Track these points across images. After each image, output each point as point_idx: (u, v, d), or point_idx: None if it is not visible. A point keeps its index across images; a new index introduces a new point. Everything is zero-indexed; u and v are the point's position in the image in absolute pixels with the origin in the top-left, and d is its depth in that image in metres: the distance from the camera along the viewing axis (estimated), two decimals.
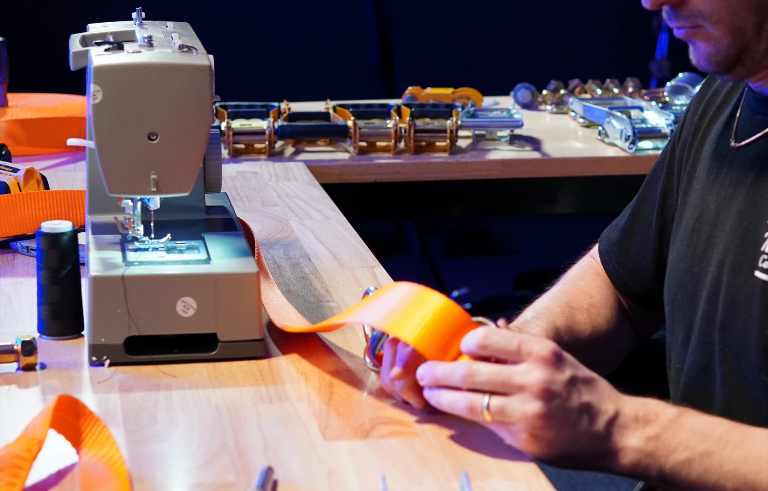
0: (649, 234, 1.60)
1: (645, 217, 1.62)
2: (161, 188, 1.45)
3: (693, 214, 1.47)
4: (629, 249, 1.63)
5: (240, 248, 1.51)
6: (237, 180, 2.31)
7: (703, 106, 1.54)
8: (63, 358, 1.44)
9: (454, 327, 1.29)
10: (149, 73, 1.42)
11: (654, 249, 1.60)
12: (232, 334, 1.44)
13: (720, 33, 1.34)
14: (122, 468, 1.16)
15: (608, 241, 1.66)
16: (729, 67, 1.36)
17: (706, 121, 1.52)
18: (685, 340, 1.47)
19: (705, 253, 1.44)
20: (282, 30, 4.87)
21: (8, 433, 1.23)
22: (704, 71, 1.38)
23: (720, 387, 1.41)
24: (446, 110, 2.68)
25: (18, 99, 2.63)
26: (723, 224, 1.42)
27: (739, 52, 1.35)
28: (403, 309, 1.32)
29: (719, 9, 1.33)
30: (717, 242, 1.42)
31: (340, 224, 2.02)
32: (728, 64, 1.36)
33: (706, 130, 1.51)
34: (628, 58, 5.02)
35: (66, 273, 1.48)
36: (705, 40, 1.35)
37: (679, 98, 2.87)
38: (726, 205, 1.43)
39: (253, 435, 1.27)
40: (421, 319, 1.30)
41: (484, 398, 1.23)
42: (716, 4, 1.33)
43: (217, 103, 2.62)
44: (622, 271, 1.63)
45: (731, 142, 1.45)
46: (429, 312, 1.30)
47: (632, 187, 2.69)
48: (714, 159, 1.47)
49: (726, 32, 1.34)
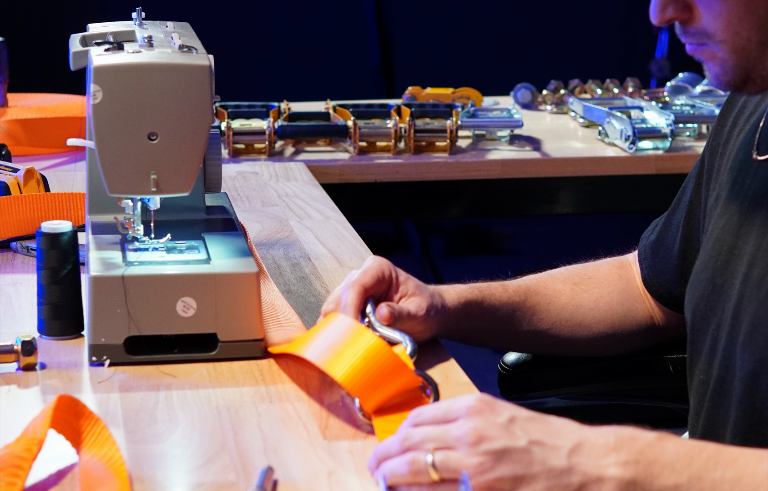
0: (676, 240, 1.61)
1: (675, 223, 1.63)
2: (161, 188, 1.44)
3: (717, 225, 1.47)
4: (658, 252, 1.64)
5: (240, 248, 1.51)
6: (237, 180, 2.31)
7: (733, 116, 1.53)
8: (63, 358, 1.44)
9: (382, 366, 1.31)
10: (149, 73, 1.42)
11: (678, 256, 1.60)
12: (232, 334, 1.44)
13: (724, 53, 1.32)
14: (122, 468, 1.16)
15: (645, 242, 1.68)
16: (740, 86, 1.34)
17: (735, 131, 1.51)
18: (709, 351, 1.45)
19: (727, 265, 1.43)
20: (282, 30, 4.87)
21: (8, 433, 1.23)
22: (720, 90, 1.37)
23: (737, 402, 1.38)
24: (446, 110, 2.68)
25: (18, 99, 2.63)
26: (746, 236, 1.41)
27: (746, 71, 1.32)
28: (337, 347, 1.34)
29: (721, 29, 1.31)
30: (740, 254, 1.41)
31: (340, 224, 2.02)
32: (738, 83, 1.34)
33: (734, 140, 1.50)
34: (628, 58, 5.02)
35: (66, 273, 1.48)
36: (712, 60, 1.34)
37: (679, 98, 2.86)
38: (749, 217, 1.41)
39: (253, 435, 1.27)
40: (352, 357, 1.31)
41: (427, 454, 1.13)
42: (718, 24, 1.31)
43: (217, 103, 2.62)
44: (651, 273, 1.65)
45: (753, 154, 1.44)
46: (359, 350, 1.32)
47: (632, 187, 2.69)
48: (738, 170, 1.46)
49: (730, 52, 1.32)
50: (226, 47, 4.61)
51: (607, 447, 1.12)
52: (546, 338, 1.62)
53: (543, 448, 1.12)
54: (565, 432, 1.14)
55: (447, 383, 1.39)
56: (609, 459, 1.11)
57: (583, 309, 1.62)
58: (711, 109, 2.68)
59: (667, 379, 1.70)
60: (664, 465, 1.12)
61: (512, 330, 1.59)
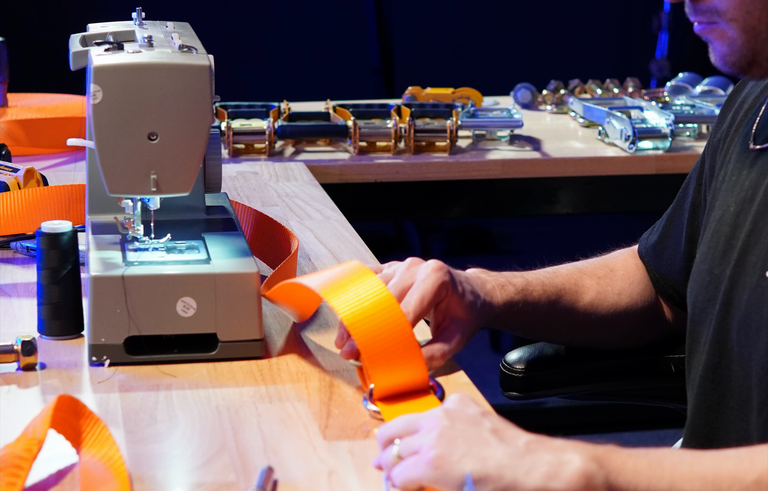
0: (680, 240, 1.62)
1: (677, 224, 1.63)
2: (161, 188, 1.45)
3: (715, 217, 1.48)
4: (663, 254, 1.65)
5: (240, 248, 1.51)
6: (237, 180, 2.31)
7: (732, 113, 1.54)
8: (63, 358, 1.44)
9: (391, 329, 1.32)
10: (149, 73, 1.42)
11: (684, 257, 1.61)
12: (232, 334, 1.44)
13: (734, 32, 1.33)
14: (122, 468, 1.16)
15: (646, 244, 1.68)
16: (745, 68, 1.35)
17: (734, 126, 1.52)
18: (707, 340, 1.46)
19: (724, 255, 1.44)
20: (282, 30, 4.87)
21: (8, 433, 1.23)
22: (722, 71, 1.38)
23: (734, 387, 1.40)
24: (446, 110, 2.68)
25: (18, 99, 2.63)
26: (742, 225, 1.42)
27: (753, 52, 1.34)
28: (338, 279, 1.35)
29: (733, 7, 1.32)
30: (735, 244, 1.42)
31: (340, 224, 2.02)
32: (743, 65, 1.35)
33: (734, 136, 1.51)
34: (628, 58, 5.02)
35: (66, 273, 1.48)
36: (720, 39, 1.35)
37: (679, 98, 2.87)
38: (745, 207, 1.42)
39: (253, 435, 1.27)
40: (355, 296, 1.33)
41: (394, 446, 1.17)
42: (730, 2, 1.32)
43: (217, 103, 2.62)
44: (657, 275, 1.66)
45: (750, 144, 1.45)
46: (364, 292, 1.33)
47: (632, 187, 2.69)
48: (736, 162, 1.47)
49: (740, 31, 1.33)
50: (226, 47, 4.62)
51: (566, 442, 1.12)
52: (575, 332, 1.65)
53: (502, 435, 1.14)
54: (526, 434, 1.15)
55: (447, 383, 1.39)
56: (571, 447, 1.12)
57: (608, 302, 1.63)
58: (711, 109, 2.68)
59: (668, 379, 1.70)
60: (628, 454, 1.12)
61: (546, 326, 1.62)
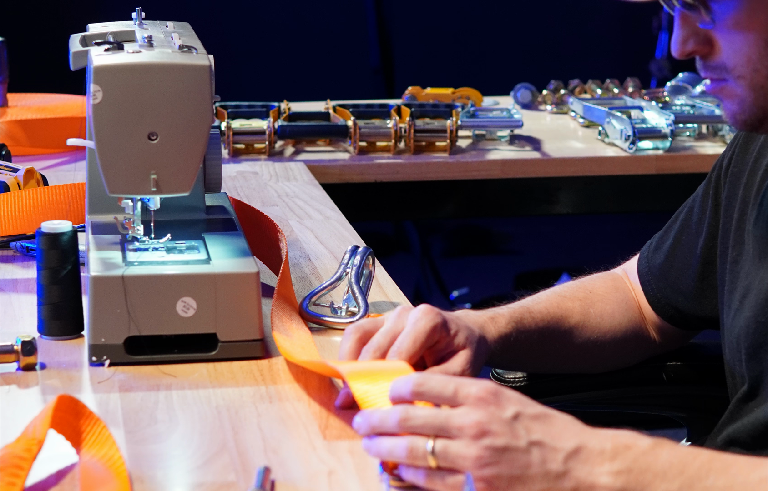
0: (690, 261, 1.60)
1: (685, 243, 1.62)
2: (161, 188, 1.45)
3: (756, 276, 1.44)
4: (669, 273, 1.63)
5: (240, 248, 1.51)
6: (237, 180, 2.31)
7: (758, 146, 1.50)
8: (63, 358, 1.44)
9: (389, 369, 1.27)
10: (149, 73, 1.42)
11: (696, 278, 1.59)
12: (232, 334, 1.44)
13: (742, 90, 1.32)
14: (122, 468, 1.16)
15: (648, 262, 1.66)
16: (756, 125, 1.34)
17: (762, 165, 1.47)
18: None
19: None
20: (282, 30, 4.87)
21: (8, 433, 1.23)
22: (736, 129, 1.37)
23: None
24: (446, 110, 2.68)
25: (18, 99, 2.63)
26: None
27: (763, 110, 1.32)
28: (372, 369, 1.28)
29: (740, 64, 1.30)
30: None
31: (340, 224, 2.02)
32: (754, 122, 1.33)
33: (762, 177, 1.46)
34: (628, 58, 5.02)
35: (66, 273, 1.48)
36: (730, 98, 1.33)
37: (679, 98, 2.86)
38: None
39: (252, 435, 1.27)
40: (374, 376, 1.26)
41: (428, 441, 1.14)
42: (738, 60, 1.30)
43: (217, 103, 2.62)
44: (660, 294, 1.64)
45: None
46: None
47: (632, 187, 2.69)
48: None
49: (748, 89, 1.31)
50: (226, 47, 4.61)
51: (603, 455, 1.14)
52: (565, 359, 1.63)
53: (542, 450, 1.15)
54: (566, 434, 1.16)
55: None
56: (603, 467, 1.14)
57: (590, 324, 1.61)
58: (711, 109, 2.68)
59: (662, 387, 1.70)
60: (656, 473, 1.14)
61: (540, 353, 1.58)
